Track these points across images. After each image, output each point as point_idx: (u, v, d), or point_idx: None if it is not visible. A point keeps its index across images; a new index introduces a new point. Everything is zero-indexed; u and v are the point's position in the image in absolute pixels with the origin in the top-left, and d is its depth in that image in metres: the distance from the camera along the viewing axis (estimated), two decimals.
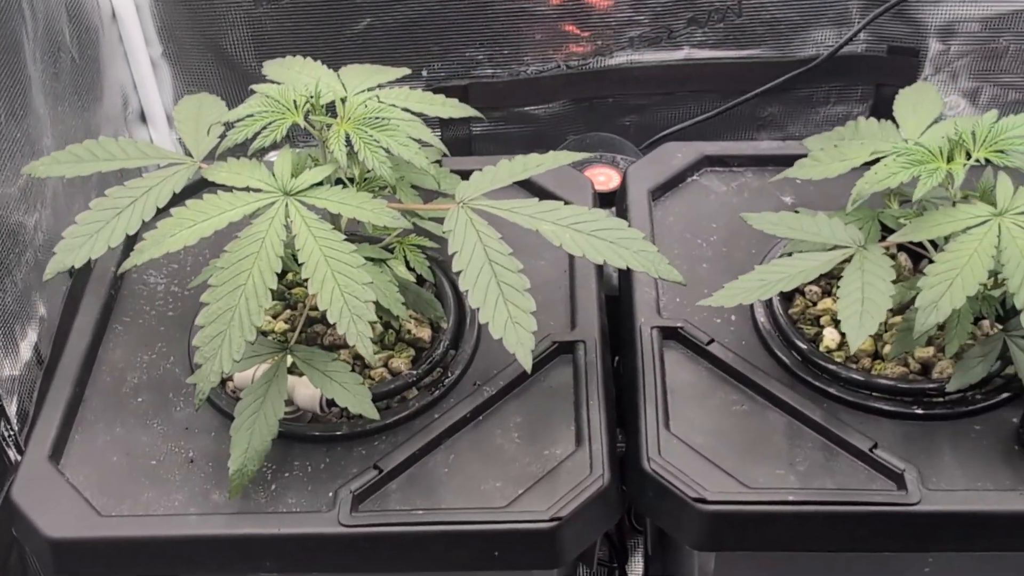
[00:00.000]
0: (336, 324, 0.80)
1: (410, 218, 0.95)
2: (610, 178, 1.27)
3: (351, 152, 0.87)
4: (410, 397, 0.93)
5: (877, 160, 0.90)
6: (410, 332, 0.98)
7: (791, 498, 0.85)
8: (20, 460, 0.94)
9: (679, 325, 0.98)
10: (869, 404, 0.92)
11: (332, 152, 0.87)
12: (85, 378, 0.97)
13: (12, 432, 0.99)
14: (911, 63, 1.45)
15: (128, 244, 1.04)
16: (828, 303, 0.99)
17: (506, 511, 0.85)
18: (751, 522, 0.86)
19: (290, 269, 0.96)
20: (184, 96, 1.04)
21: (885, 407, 0.91)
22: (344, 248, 0.82)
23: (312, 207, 0.85)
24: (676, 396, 0.93)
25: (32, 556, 1.03)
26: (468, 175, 0.91)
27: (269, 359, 0.88)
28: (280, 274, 0.83)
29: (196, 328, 0.83)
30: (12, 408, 1.00)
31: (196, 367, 0.82)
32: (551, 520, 0.84)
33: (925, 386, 0.92)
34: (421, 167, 0.88)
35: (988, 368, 0.90)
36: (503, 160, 0.92)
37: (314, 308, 0.96)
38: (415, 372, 0.94)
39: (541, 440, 0.90)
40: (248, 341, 0.81)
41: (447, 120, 1.42)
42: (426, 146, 0.92)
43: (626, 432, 0.94)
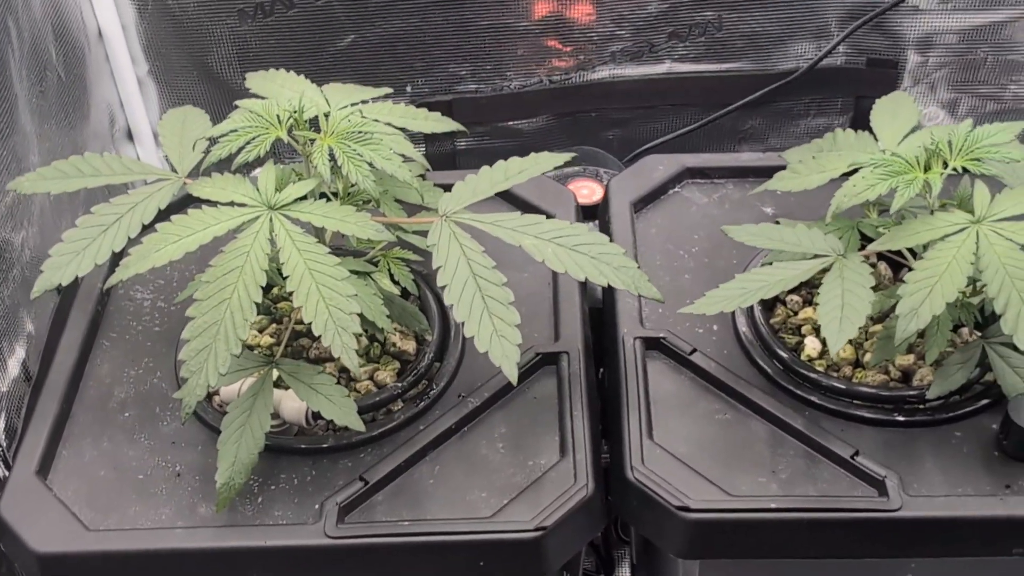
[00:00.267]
0: (321, 337, 0.81)
1: (394, 231, 0.96)
2: (593, 191, 1.28)
3: (335, 166, 0.87)
4: (395, 409, 0.94)
5: (855, 171, 0.91)
6: (395, 345, 0.98)
7: (774, 505, 0.86)
8: (8, 475, 0.94)
9: (662, 335, 0.98)
10: (850, 412, 0.92)
11: (316, 166, 0.87)
12: (72, 393, 0.97)
13: (0, 448, 0.99)
14: (890, 75, 1.46)
15: (114, 260, 1.05)
16: (809, 312, 0.99)
17: (491, 521, 0.85)
18: (734, 530, 0.86)
19: (275, 283, 0.97)
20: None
21: (866, 415, 0.92)
22: (328, 261, 0.83)
23: (296, 221, 0.85)
24: (659, 406, 0.94)
25: (21, 571, 1.04)
26: (451, 188, 0.92)
27: (255, 373, 0.88)
28: (265, 288, 0.84)
29: (182, 342, 0.83)
30: (0, 424, 1.00)
31: (182, 381, 0.83)
32: (536, 530, 0.85)
33: (906, 393, 0.92)
34: (404, 180, 0.89)
35: (968, 375, 0.91)
36: (485, 169, 0.92)
37: (299, 322, 0.97)
38: (400, 384, 0.94)
39: (526, 450, 0.91)
40: (234, 354, 0.81)
41: (431, 135, 1.43)
42: (408, 160, 0.92)
43: (610, 442, 0.95)
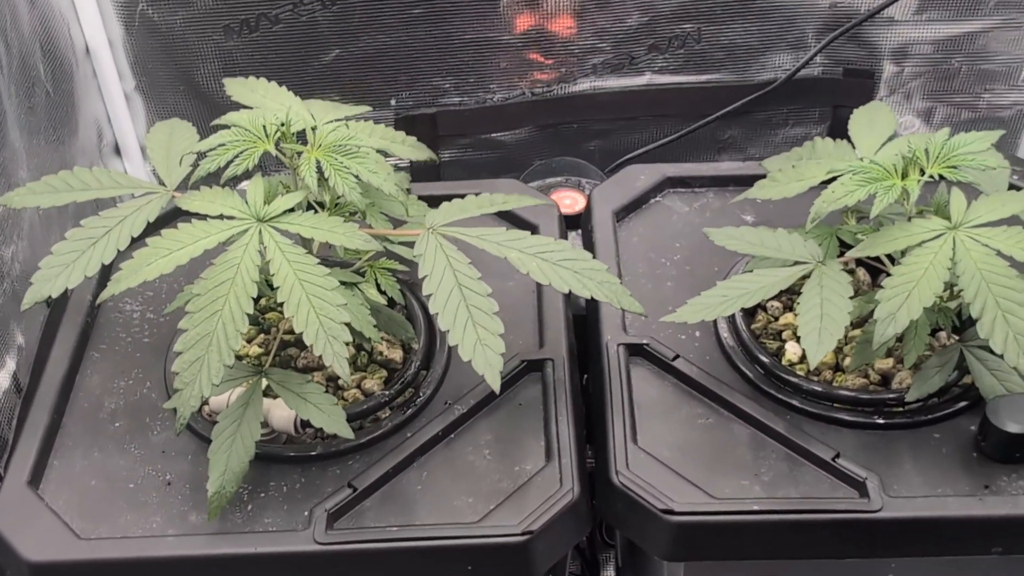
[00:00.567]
0: (312, 346, 0.82)
1: (380, 242, 0.97)
2: (576, 201, 1.29)
3: (321, 178, 0.88)
4: (383, 417, 0.95)
5: (834, 179, 0.92)
6: (382, 354, 1.00)
7: (756, 508, 0.87)
8: None
9: (645, 342, 0.99)
10: (831, 415, 0.93)
11: (303, 179, 0.88)
12: (63, 405, 0.98)
13: None
14: (867, 84, 1.47)
15: (104, 273, 1.05)
16: (790, 318, 1.01)
17: (478, 526, 0.86)
18: (718, 532, 0.88)
19: (263, 294, 0.97)
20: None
21: (847, 417, 0.93)
22: (318, 271, 0.84)
23: (285, 233, 0.86)
24: (643, 411, 0.95)
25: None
26: (436, 201, 0.94)
27: (244, 382, 0.89)
28: (254, 299, 0.84)
29: (174, 354, 0.84)
30: None
31: (175, 392, 0.83)
32: (523, 534, 0.86)
33: (885, 396, 0.94)
34: (390, 192, 0.90)
35: (946, 378, 0.92)
36: (471, 197, 0.94)
37: (288, 332, 0.99)
38: (387, 392, 0.95)
39: (511, 456, 0.92)
40: (227, 365, 0.82)
41: None
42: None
43: (595, 447, 0.96)
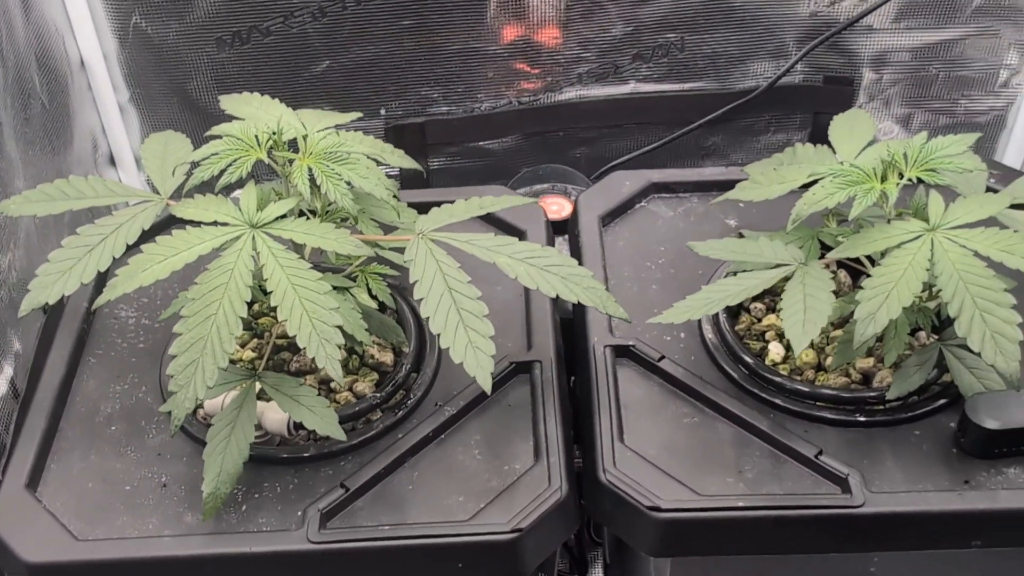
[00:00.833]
0: (305, 348, 0.83)
1: (371, 248, 0.99)
2: (563, 207, 1.31)
3: (313, 185, 0.90)
4: (375, 419, 0.96)
5: (815, 182, 0.94)
6: (373, 357, 1.01)
7: (741, 504, 0.89)
8: None
9: (631, 343, 1.01)
10: (813, 413, 0.95)
11: (295, 185, 0.89)
12: (60, 409, 0.99)
13: None
14: (846, 92, 1.49)
15: (100, 279, 1.06)
16: (772, 319, 1.02)
17: (469, 524, 0.88)
18: (703, 528, 0.89)
19: (256, 299, 0.99)
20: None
21: (829, 416, 0.95)
22: (310, 276, 0.85)
23: (278, 238, 0.87)
24: (629, 411, 0.97)
25: None
26: (425, 207, 0.95)
27: (238, 386, 0.91)
28: (247, 304, 0.86)
29: (169, 358, 0.85)
30: None
31: (170, 395, 0.85)
32: (512, 532, 0.87)
33: (866, 395, 0.95)
34: (381, 198, 0.92)
35: (925, 376, 0.94)
36: (460, 200, 0.96)
37: (280, 336, 1.01)
38: (379, 395, 0.97)
39: (501, 456, 0.93)
40: (221, 368, 0.83)
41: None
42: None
43: (582, 446, 0.97)
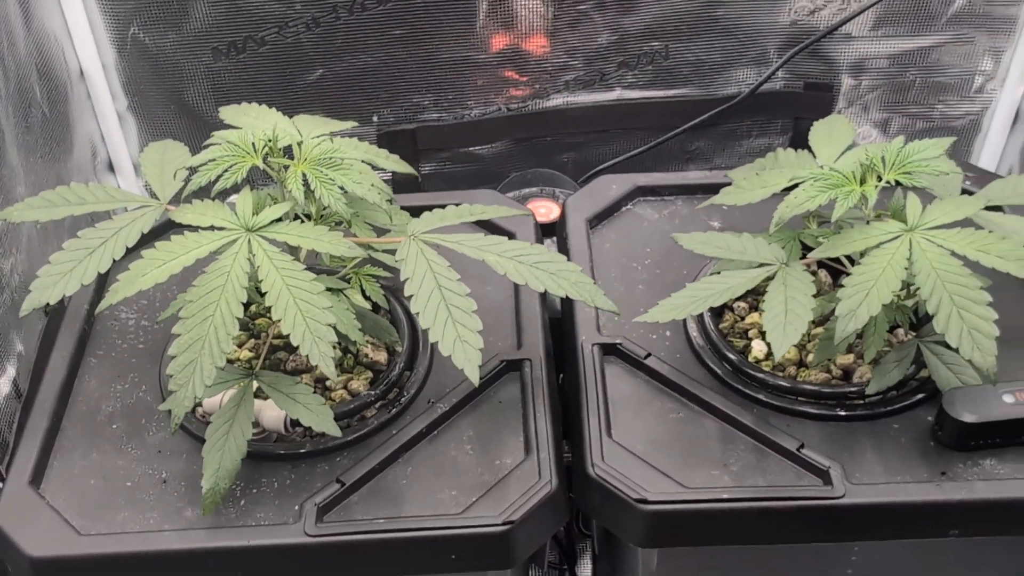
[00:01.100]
0: (300, 347, 0.85)
1: (364, 250, 1.01)
2: (551, 210, 1.33)
3: (308, 190, 0.92)
4: (369, 416, 0.98)
5: (796, 186, 0.96)
6: (367, 356, 1.03)
7: (726, 496, 0.91)
8: (2, 486, 0.98)
9: (618, 342, 1.03)
10: (796, 408, 0.97)
11: (290, 191, 0.92)
12: (62, 408, 1.01)
13: None
14: (826, 97, 1.51)
15: (100, 282, 1.09)
16: (755, 317, 1.05)
17: (461, 517, 0.90)
18: (689, 520, 0.91)
19: (253, 301, 1.01)
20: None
21: (810, 410, 0.97)
22: (305, 277, 0.87)
23: (273, 241, 0.89)
24: (617, 407, 0.99)
25: None
26: (417, 211, 0.97)
27: (236, 384, 0.93)
28: (243, 306, 0.87)
29: (168, 358, 0.87)
30: None
31: (170, 394, 0.87)
32: (503, 524, 0.89)
33: (847, 390, 0.98)
34: (373, 202, 0.94)
35: (904, 371, 0.96)
36: (451, 207, 0.98)
37: (276, 337, 1.03)
38: (373, 392, 0.99)
39: (492, 451, 0.96)
40: (218, 367, 0.85)
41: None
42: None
43: (571, 442, 0.99)
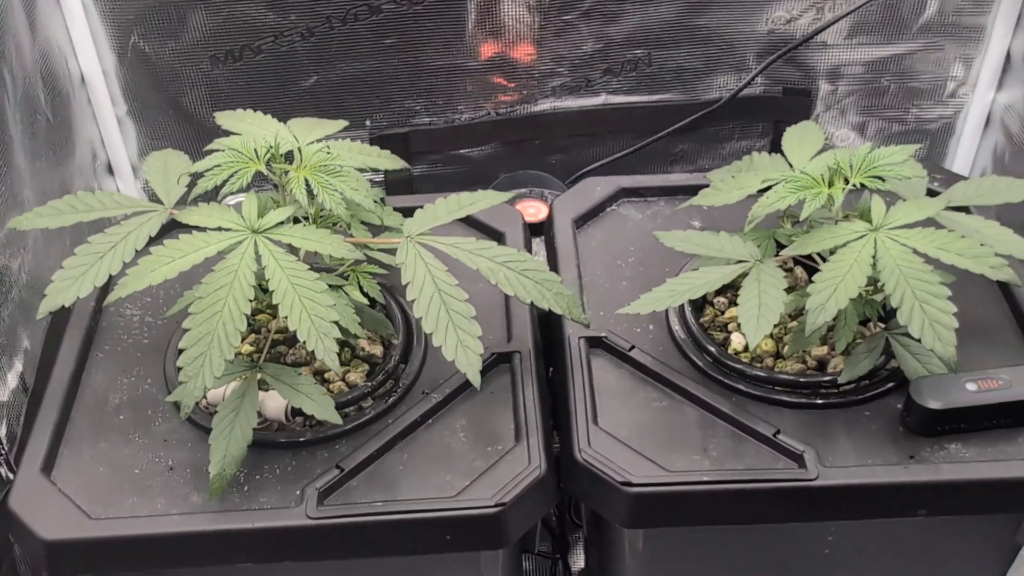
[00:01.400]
0: (305, 341, 0.89)
1: (361, 249, 1.05)
2: (539, 210, 1.36)
3: (309, 195, 0.96)
4: (366, 406, 1.02)
5: (770, 187, 1.01)
6: (364, 349, 1.07)
7: (706, 479, 0.94)
8: (11, 477, 1.01)
9: (603, 335, 1.07)
10: (772, 397, 1.01)
11: (293, 194, 0.96)
12: (71, 400, 1.04)
13: (3, 452, 1.06)
14: (804, 102, 1.54)
15: (106, 282, 1.13)
16: (734, 312, 1.08)
17: (456, 499, 0.94)
18: (671, 501, 0.95)
19: (255, 298, 1.06)
20: (149, 151, 1.13)
21: (786, 399, 1.01)
22: (308, 276, 0.92)
23: (278, 243, 0.93)
24: (603, 396, 1.02)
25: (24, 562, 1.10)
26: (410, 212, 1.01)
27: (240, 376, 0.97)
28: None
29: (177, 351, 0.91)
30: (2, 431, 1.07)
31: (180, 384, 0.90)
32: (496, 505, 0.93)
33: (821, 379, 1.01)
34: (369, 208, 0.98)
35: (874, 362, 1.00)
36: (441, 199, 1.02)
37: (277, 332, 1.07)
38: (370, 384, 1.02)
39: (484, 438, 0.99)
40: (227, 360, 0.89)
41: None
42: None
43: (560, 430, 1.03)
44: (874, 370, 1.02)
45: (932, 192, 1.11)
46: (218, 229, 0.95)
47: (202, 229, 0.95)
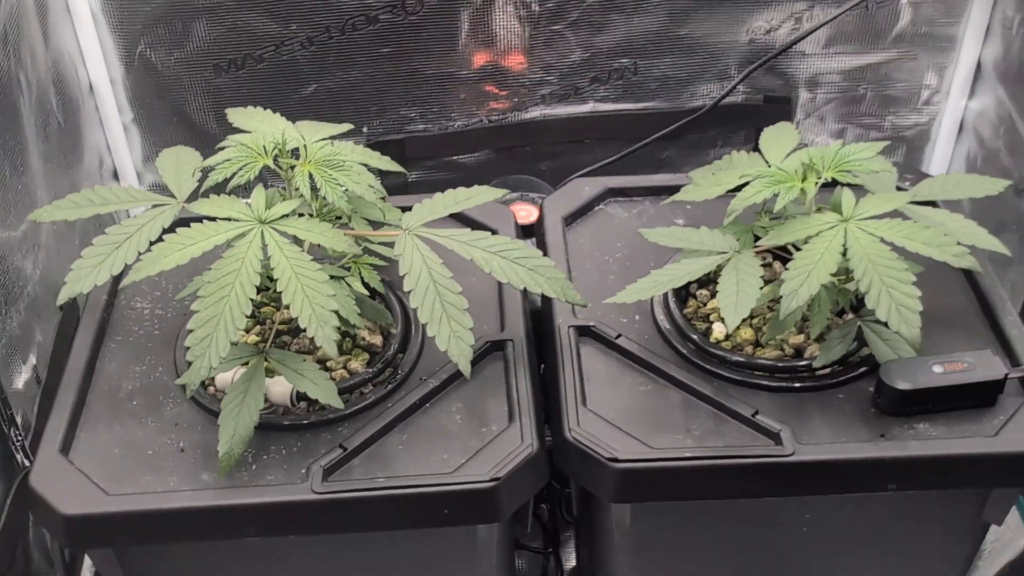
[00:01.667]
0: (307, 329, 0.94)
1: (361, 243, 1.10)
2: (530, 213, 1.39)
3: (312, 188, 1.00)
4: (367, 391, 1.06)
5: (748, 183, 1.06)
6: (364, 339, 1.12)
7: (688, 455, 0.99)
8: (27, 464, 1.06)
9: (592, 324, 1.11)
10: (751, 381, 1.06)
11: (298, 188, 1.00)
12: (86, 387, 1.08)
13: (20, 439, 1.11)
14: (785, 109, 1.57)
15: (116, 277, 1.17)
16: (716, 304, 1.12)
17: (453, 475, 0.98)
18: (656, 476, 0.99)
19: (260, 289, 1.10)
20: (154, 157, 1.18)
21: (765, 383, 1.05)
22: (311, 267, 0.96)
23: (283, 234, 0.98)
24: (591, 381, 1.07)
25: (37, 549, 1.15)
26: (408, 210, 1.05)
27: (248, 361, 1.01)
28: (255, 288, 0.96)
29: (186, 333, 0.95)
30: (18, 419, 1.11)
31: (187, 366, 0.96)
32: (491, 480, 0.97)
33: (797, 364, 1.06)
34: (370, 200, 1.03)
35: (847, 347, 1.05)
36: (438, 194, 1.06)
37: (282, 322, 1.12)
38: (370, 371, 1.07)
39: (479, 419, 1.04)
40: (232, 342, 0.94)
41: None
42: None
43: (551, 413, 1.07)
44: (847, 356, 1.07)
45: (903, 190, 1.16)
46: (227, 219, 0.99)
47: (212, 219, 0.99)
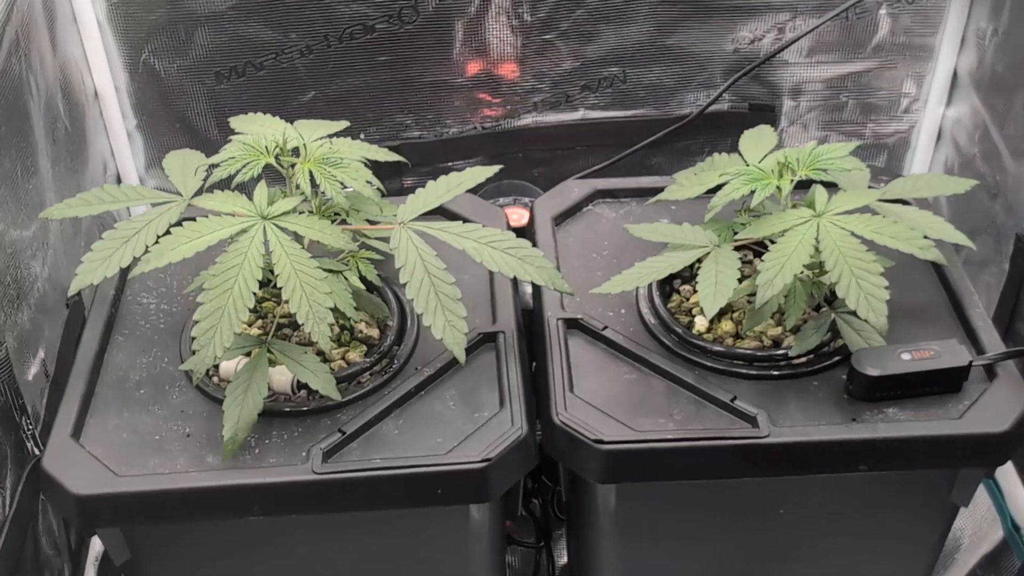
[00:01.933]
0: (304, 324, 0.99)
1: (359, 238, 1.15)
2: (522, 216, 1.44)
3: (312, 185, 1.05)
4: (364, 381, 1.11)
5: (727, 182, 1.11)
6: (362, 331, 1.16)
7: (670, 437, 1.04)
8: (37, 453, 1.10)
9: (579, 316, 1.16)
10: (731, 370, 1.10)
11: (299, 185, 1.05)
12: (95, 377, 1.13)
13: (31, 428, 1.16)
14: (769, 117, 1.61)
15: (123, 273, 1.20)
16: (697, 298, 1.19)
17: (446, 457, 1.02)
18: (639, 457, 1.04)
19: (262, 283, 1.15)
20: (156, 163, 1.28)
21: (743, 371, 1.10)
22: (310, 264, 1.00)
23: (284, 229, 1.02)
24: (578, 370, 1.12)
25: (47, 535, 1.18)
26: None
27: (251, 351, 1.06)
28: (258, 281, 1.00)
29: (191, 325, 1.00)
30: (29, 409, 1.15)
31: (193, 354, 1.00)
32: (482, 461, 1.02)
33: (774, 353, 1.11)
34: (368, 196, 1.08)
35: (821, 336, 1.10)
36: (431, 183, 1.11)
37: (283, 316, 1.17)
38: (368, 361, 1.12)
39: (472, 405, 1.08)
40: (236, 332, 0.98)
41: (383, 174, 1.55)
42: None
43: (540, 406, 1.12)
44: (822, 346, 1.12)
45: (871, 188, 1.21)
46: (231, 215, 1.04)
47: (217, 215, 1.04)
